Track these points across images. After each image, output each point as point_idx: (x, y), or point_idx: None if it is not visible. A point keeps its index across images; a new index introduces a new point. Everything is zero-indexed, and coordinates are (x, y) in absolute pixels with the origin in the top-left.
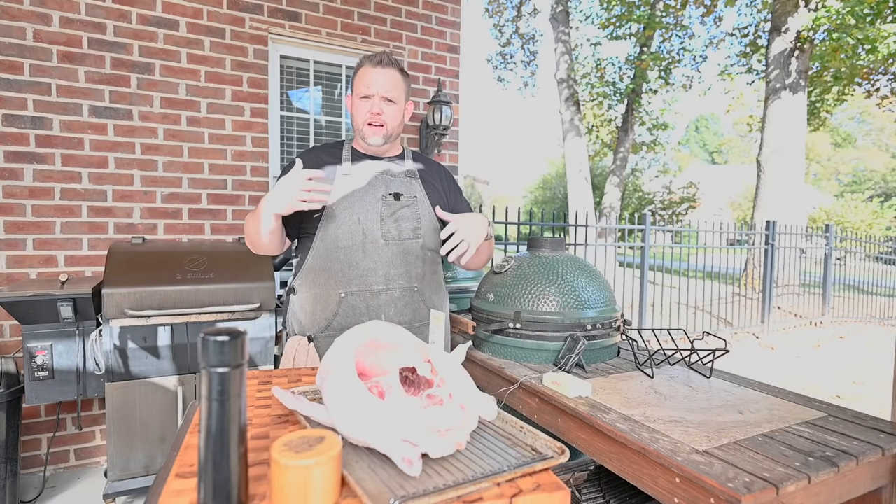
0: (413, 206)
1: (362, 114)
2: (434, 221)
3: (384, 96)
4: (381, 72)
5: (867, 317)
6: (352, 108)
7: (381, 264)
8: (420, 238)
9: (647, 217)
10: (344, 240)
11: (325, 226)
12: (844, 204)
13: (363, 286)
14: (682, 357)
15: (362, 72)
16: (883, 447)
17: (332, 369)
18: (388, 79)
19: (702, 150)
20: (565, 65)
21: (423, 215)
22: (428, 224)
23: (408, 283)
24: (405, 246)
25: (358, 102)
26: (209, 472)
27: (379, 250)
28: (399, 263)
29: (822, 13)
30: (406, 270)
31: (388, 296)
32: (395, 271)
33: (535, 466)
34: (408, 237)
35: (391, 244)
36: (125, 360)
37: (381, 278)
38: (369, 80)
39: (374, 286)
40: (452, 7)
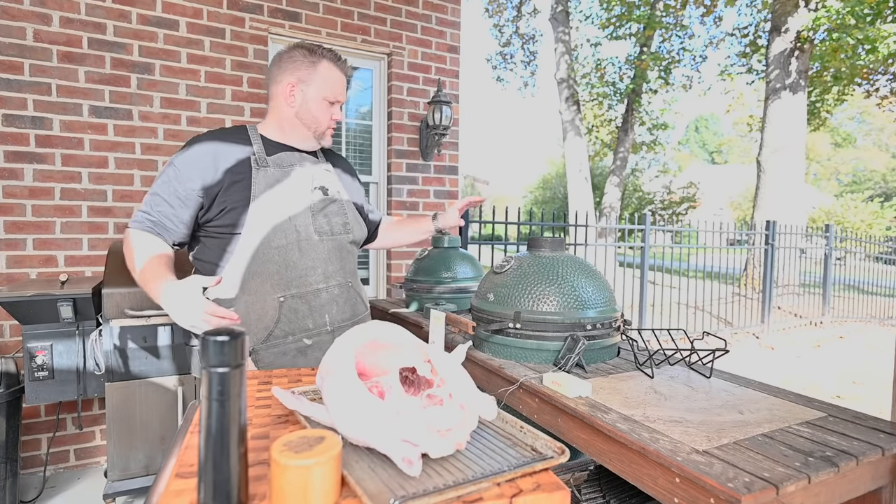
0: (339, 200)
1: (326, 119)
2: (357, 215)
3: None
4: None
5: (867, 317)
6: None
7: (320, 262)
8: (350, 233)
9: (647, 217)
10: (277, 239)
11: (253, 225)
12: (844, 204)
13: (303, 287)
14: (682, 357)
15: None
16: (883, 447)
17: (332, 369)
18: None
19: (702, 150)
20: (565, 65)
21: (348, 209)
22: (354, 218)
23: (344, 280)
24: (338, 241)
25: (322, 105)
26: (209, 472)
27: (315, 247)
28: (335, 259)
29: (822, 13)
30: (342, 266)
31: (328, 294)
32: (332, 268)
33: (535, 466)
34: (339, 232)
35: (325, 240)
36: (125, 360)
37: (321, 276)
38: (340, 87)
39: (314, 286)
40: (452, 7)
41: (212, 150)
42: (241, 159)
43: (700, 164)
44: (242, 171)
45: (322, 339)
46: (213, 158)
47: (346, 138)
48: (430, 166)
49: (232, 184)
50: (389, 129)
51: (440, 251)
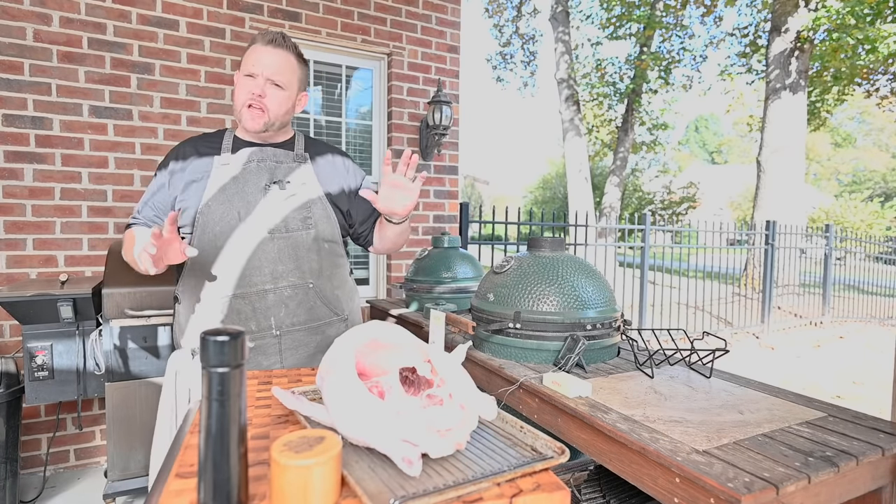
0: (301, 194)
1: (243, 94)
2: (328, 209)
3: (271, 79)
4: (271, 51)
5: (867, 317)
6: (235, 87)
7: (267, 261)
8: (311, 228)
9: (647, 217)
10: (222, 237)
11: (202, 224)
12: (844, 204)
13: (247, 287)
14: (682, 357)
15: (251, 49)
16: (883, 447)
17: (332, 369)
18: (278, 60)
19: (702, 150)
20: (565, 65)
21: (313, 204)
22: (320, 212)
23: (300, 280)
24: (294, 238)
25: (241, 80)
26: (209, 472)
27: (263, 245)
28: (288, 258)
29: (822, 13)
30: (297, 266)
31: (276, 296)
32: (283, 267)
33: (535, 466)
34: (296, 228)
35: (277, 238)
36: (125, 360)
37: (268, 276)
38: (256, 59)
39: (259, 286)
40: (452, 7)
41: (181, 154)
42: (204, 160)
43: (700, 164)
44: (203, 171)
45: (266, 343)
46: (182, 162)
47: (347, 138)
48: (430, 166)
49: (189, 184)
50: (389, 129)
51: (440, 251)
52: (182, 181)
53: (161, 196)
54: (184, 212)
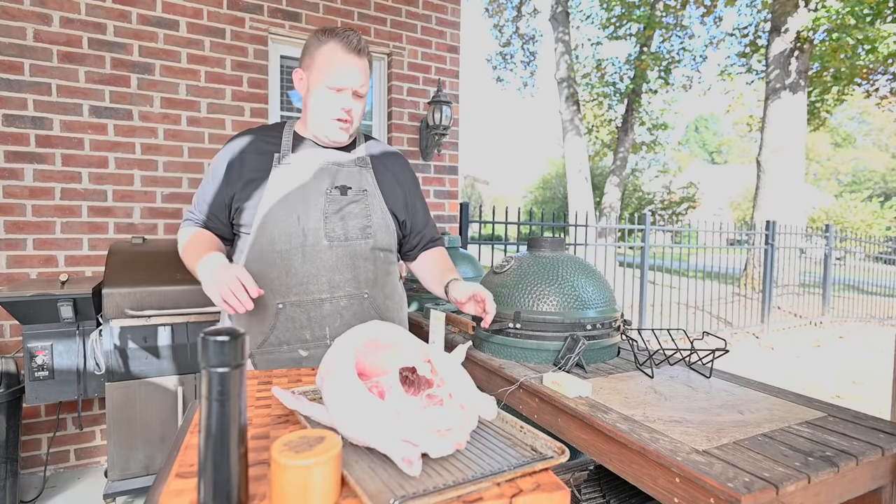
0: (362, 201)
1: (330, 108)
2: (387, 218)
3: (357, 91)
4: (356, 62)
5: (867, 317)
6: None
7: (325, 269)
8: (370, 238)
9: (647, 217)
10: (281, 242)
11: (261, 226)
12: (844, 204)
13: (303, 295)
14: (682, 357)
15: (332, 55)
16: (883, 447)
17: (332, 369)
18: (363, 70)
19: (702, 150)
20: (565, 65)
21: (374, 211)
22: (380, 221)
23: (356, 290)
24: (353, 248)
25: (324, 93)
26: (209, 472)
27: (321, 253)
28: (346, 268)
29: (821, 13)
30: (354, 276)
31: (332, 305)
32: (340, 277)
33: (535, 466)
34: (356, 237)
35: (336, 246)
36: (125, 360)
37: (325, 285)
38: (344, 72)
39: (316, 295)
40: (452, 7)
41: (239, 149)
42: (264, 157)
43: (700, 164)
44: (263, 169)
45: (319, 353)
46: (240, 157)
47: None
48: (430, 166)
49: (249, 182)
50: (389, 129)
51: None
52: (241, 178)
53: (220, 194)
54: (242, 211)
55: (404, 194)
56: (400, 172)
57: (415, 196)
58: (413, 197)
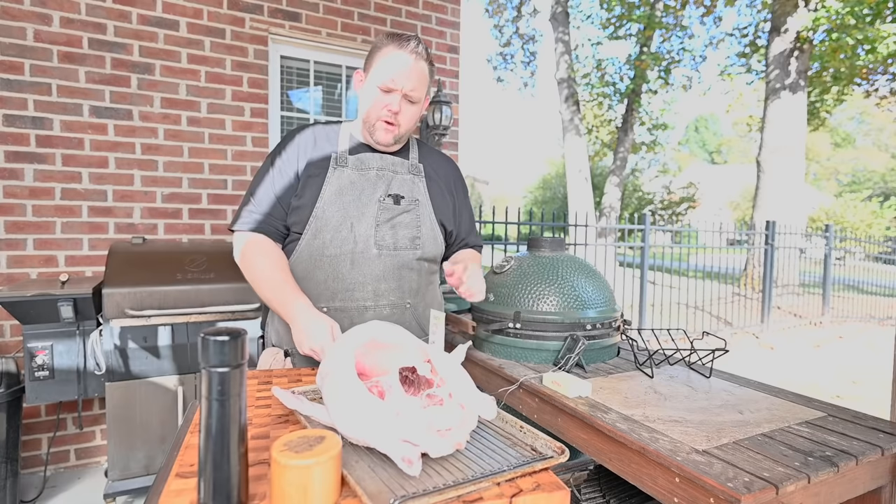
0: (414, 211)
1: (378, 108)
2: (435, 229)
3: (408, 95)
4: (412, 65)
5: (867, 317)
6: (363, 91)
7: (371, 278)
8: (418, 249)
9: (647, 217)
10: (332, 247)
11: (314, 228)
12: (843, 204)
13: (349, 301)
14: (682, 357)
15: (388, 56)
16: (883, 447)
17: (332, 369)
18: (417, 74)
19: (701, 150)
20: (565, 65)
21: (423, 223)
22: (429, 233)
23: (400, 300)
24: (400, 257)
25: (375, 93)
26: (209, 471)
27: (370, 261)
28: (392, 277)
29: (821, 13)
30: (399, 285)
31: (375, 313)
32: (386, 286)
33: (534, 466)
34: (404, 247)
35: (384, 255)
36: (125, 359)
37: (370, 293)
38: (397, 72)
39: (361, 302)
40: (452, 7)
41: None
42: (322, 156)
43: (700, 164)
44: (321, 168)
45: None
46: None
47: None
48: None
49: (308, 178)
50: None
51: None
52: (304, 175)
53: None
54: (297, 210)
55: (454, 204)
56: (452, 182)
57: (462, 206)
58: (461, 207)
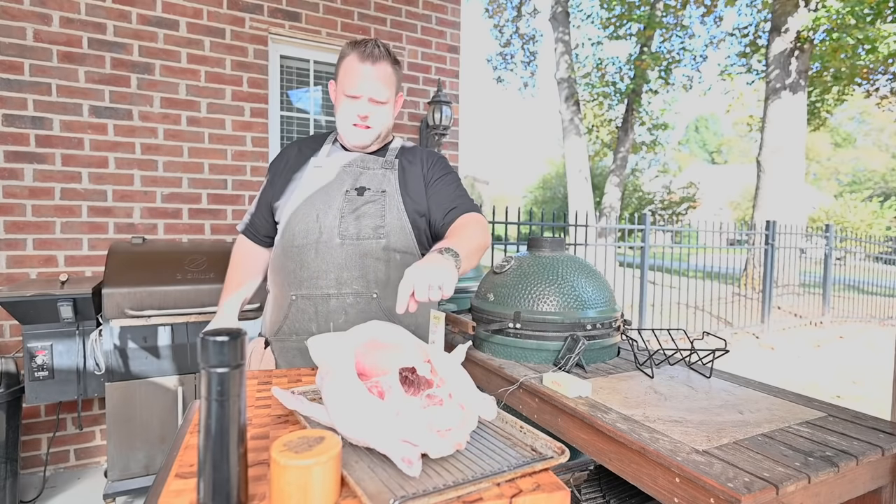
0: (379, 201)
1: (349, 114)
2: (403, 219)
3: (373, 98)
4: (370, 69)
5: (867, 317)
6: (336, 99)
7: (334, 266)
8: (382, 238)
9: (647, 217)
10: (299, 238)
11: (285, 221)
12: (844, 204)
13: (314, 289)
14: (682, 357)
15: (348, 65)
16: (883, 447)
17: (332, 369)
18: (378, 77)
19: (702, 150)
20: (565, 64)
21: (388, 212)
22: (395, 223)
23: (364, 289)
24: (363, 247)
25: (343, 101)
26: (209, 472)
27: (332, 251)
28: (354, 266)
29: (822, 13)
30: (363, 274)
31: (339, 301)
32: (348, 274)
33: (534, 466)
34: (367, 236)
35: (347, 244)
36: (125, 359)
37: (333, 281)
38: (357, 79)
39: (324, 290)
40: (452, 7)
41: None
42: (303, 161)
43: (700, 164)
44: (300, 171)
45: None
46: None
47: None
48: None
49: (287, 182)
50: None
51: None
52: (282, 180)
53: (266, 196)
54: (278, 209)
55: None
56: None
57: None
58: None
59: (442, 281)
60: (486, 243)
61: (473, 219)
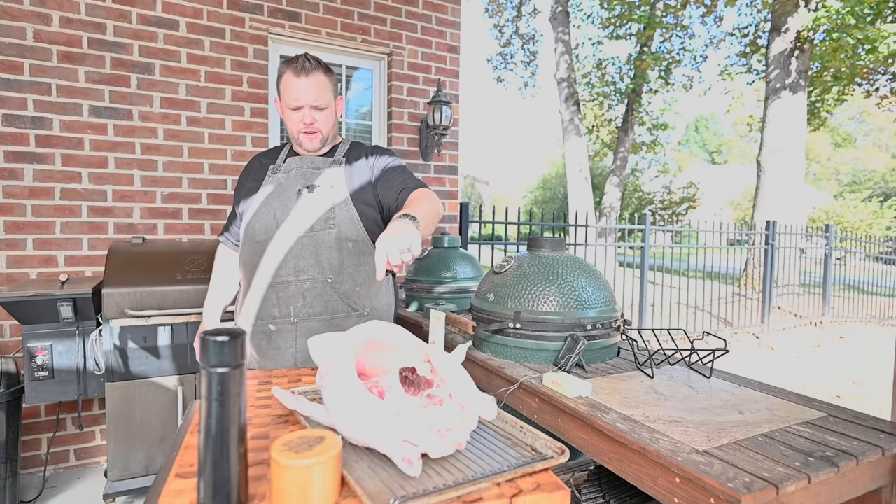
0: (328, 196)
1: (295, 124)
2: (351, 210)
3: (313, 105)
4: (304, 81)
5: (867, 317)
6: (282, 114)
7: (291, 256)
8: (333, 228)
9: (647, 217)
10: (260, 234)
11: (247, 222)
12: (844, 204)
13: (275, 278)
14: (682, 357)
15: (286, 81)
16: (883, 447)
17: (332, 369)
18: (312, 87)
19: (702, 150)
20: (565, 65)
21: (337, 205)
22: (343, 214)
23: (319, 275)
24: (317, 237)
25: (288, 113)
26: (209, 472)
27: (289, 242)
28: (309, 255)
29: (822, 13)
30: (317, 262)
31: (297, 287)
32: (304, 263)
33: (535, 466)
34: (320, 228)
35: (303, 237)
36: (125, 359)
37: (291, 270)
38: (295, 92)
39: (284, 277)
40: (452, 7)
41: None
42: (263, 171)
43: (700, 164)
44: (260, 179)
45: (285, 328)
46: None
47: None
48: (430, 166)
49: (249, 191)
50: (389, 129)
51: (440, 251)
52: (245, 188)
53: (235, 205)
54: (243, 213)
55: (371, 170)
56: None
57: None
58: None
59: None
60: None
61: (422, 192)
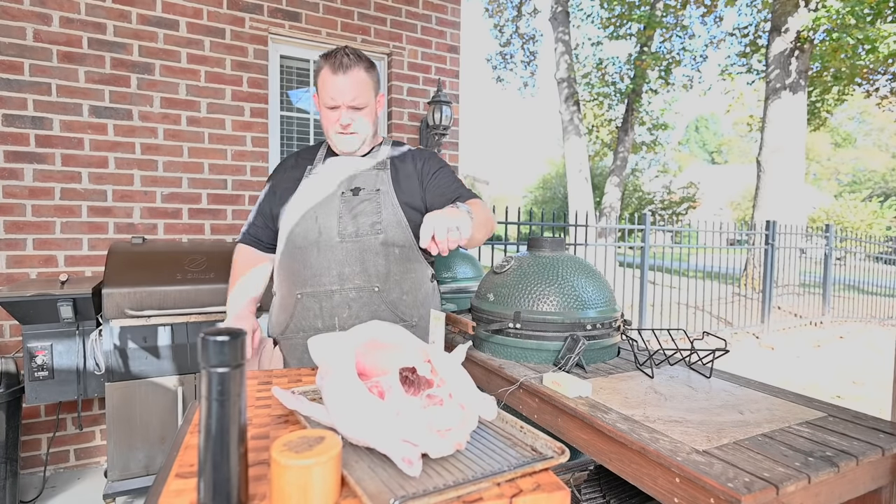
0: (374, 199)
1: (331, 123)
2: (399, 215)
3: (351, 105)
4: (341, 79)
5: (867, 317)
6: (319, 110)
7: (335, 263)
8: (380, 234)
9: (647, 217)
10: (300, 239)
11: (287, 226)
12: (844, 204)
13: (317, 286)
14: (682, 357)
15: (323, 78)
16: (883, 447)
17: (332, 369)
18: (352, 85)
19: (702, 150)
20: (565, 64)
21: (384, 208)
22: (391, 218)
23: (366, 283)
24: (363, 243)
25: (324, 111)
26: (209, 472)
27: (333, 248)
28: (355, 262)
29: (822, 13)
30: (363, 269)
31: (342, 296)
32: (350, 270)
33: (535, 466)
34: (366, 233)
35: (346, 241)
36: (125, 360)
37: (335, 278)
38: (332, 90)
39: (327, 286)
40: (452, 7)
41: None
42: (299, 171)
43: (700, 164)
44: (296, 180)
45: None
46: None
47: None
48: None
49: (285, 191)
50: (389, 129)
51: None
52: (280, 189)
53: (267, 204)
54: (279, 216)
55: (420, 176)
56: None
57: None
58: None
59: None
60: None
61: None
